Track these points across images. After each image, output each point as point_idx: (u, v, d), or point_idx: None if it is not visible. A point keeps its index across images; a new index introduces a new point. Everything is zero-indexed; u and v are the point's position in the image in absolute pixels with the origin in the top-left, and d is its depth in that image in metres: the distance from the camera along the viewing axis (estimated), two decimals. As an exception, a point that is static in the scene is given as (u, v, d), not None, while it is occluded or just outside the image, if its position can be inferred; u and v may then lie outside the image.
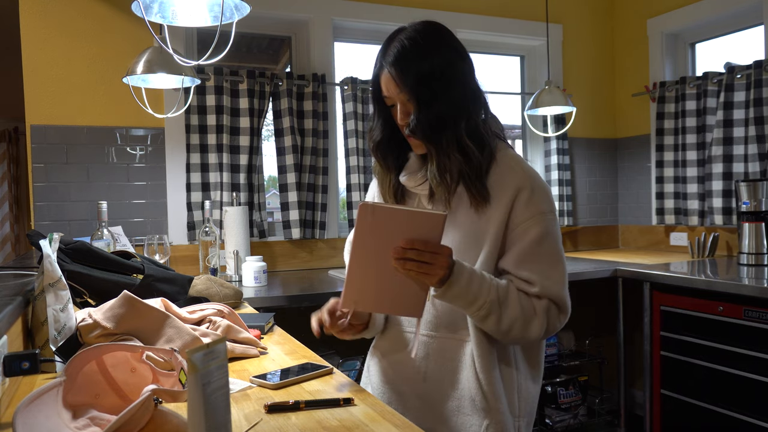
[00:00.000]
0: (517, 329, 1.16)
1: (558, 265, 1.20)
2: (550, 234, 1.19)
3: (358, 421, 0.90)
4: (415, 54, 1.19)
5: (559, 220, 1.26)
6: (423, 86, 1.17)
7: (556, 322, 1.20)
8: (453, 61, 1.21)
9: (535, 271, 1.17)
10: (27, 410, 0.74)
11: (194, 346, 0.90)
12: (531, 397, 1.28)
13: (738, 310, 2.22)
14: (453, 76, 1.20)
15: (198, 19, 1.48)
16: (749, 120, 2.84)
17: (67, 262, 1.43)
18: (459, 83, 1.20)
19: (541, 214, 1.19)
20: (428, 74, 1.17)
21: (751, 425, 2.19)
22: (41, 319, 1.15)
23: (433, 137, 1.19)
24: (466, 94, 1.21)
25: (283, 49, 3.19)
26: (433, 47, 1.21)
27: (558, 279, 1.19)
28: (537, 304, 1.17)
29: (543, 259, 1.18)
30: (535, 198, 1.19)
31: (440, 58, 1.20)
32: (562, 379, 2.97)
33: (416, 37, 1.23)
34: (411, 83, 1.17)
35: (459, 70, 1.21)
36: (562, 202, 3.41)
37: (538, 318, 1.17)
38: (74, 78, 2.57)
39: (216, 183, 2.74)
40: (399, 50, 1.20)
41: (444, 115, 1.18)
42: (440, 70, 1.18)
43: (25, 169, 3.27)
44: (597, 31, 3.64)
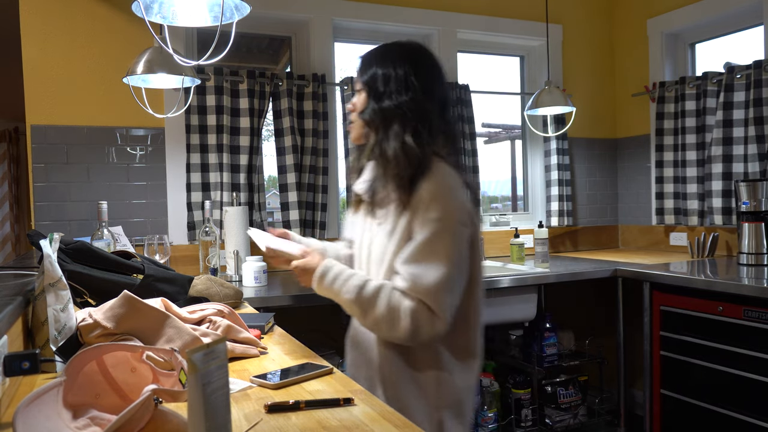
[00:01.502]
0: (383, 328, 1.26)
1: (437, 269, 1.23)
2: (437, 239, 1.24)
3: (358, 421, 0.90)
4: (380, 57, 1.38)
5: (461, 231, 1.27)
6: (376, 82, 1.35)
7: (428, 327, 1.23)
8: (408, 77, 1.35)
9: (412, 269, 1.24)
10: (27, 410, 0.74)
11: (194, 346, 0.90)
12: (455, 388, 1.33)
13: (738, 310, 2.23)
14: (404, 86, 1.34)
15: (198, 19, 1.48)
16: (749, 120, 2.84)
17: (68, 262, 1.43)
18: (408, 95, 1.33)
19: (432, 220, 1.25)
20: (382, 75, 1.35)
21: (751, 425, 2.19)
22: (41, 319, 1.15)
23: (377, 125, 1.35)
24: (412, 107, 1.32)
25: (283, 49, 3.20)
26: (398, 58, 1.36)
27: (434, 282, 1.22)
28: (405, 305, 1.23)
29: (422, 260, 1.24)
30: (433, 206, 1.25)
31: (400, 68, 1.35)
32: (562, 379, 2.97)
33: (391, 46, 1.40)
34: (367, 78, 1.37)
35: (412, 87, 1.34)
36: (561, 202, 3.41)
37: (402, 320, 1.23)
38: (74, 78, 2.57)
39: (216, 183, 2.74)
40: (370, 50, 1.42)
41: (389, 113, 1.33)
42: (395, 77, 1.34)
43: (26, 169, 3.27)
44: (597, 31, 3.65)
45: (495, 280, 2.55)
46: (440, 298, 1.23)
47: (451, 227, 1.26)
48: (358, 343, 1.43)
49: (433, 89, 1.36)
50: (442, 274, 1.23)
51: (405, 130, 1.31)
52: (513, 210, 3.64)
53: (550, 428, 2.90)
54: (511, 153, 3.69)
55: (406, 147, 1.29)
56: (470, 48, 3.42)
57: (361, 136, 1.40)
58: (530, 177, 3.63)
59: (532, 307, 2.68)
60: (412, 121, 1.31)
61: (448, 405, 1.32)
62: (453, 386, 1.33)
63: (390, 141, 1.31)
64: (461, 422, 1.35)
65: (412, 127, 1.31)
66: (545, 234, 2.93)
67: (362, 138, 1.40)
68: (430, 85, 1.36)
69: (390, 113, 1.32)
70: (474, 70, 3.46)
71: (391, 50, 1.39)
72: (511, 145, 3.69)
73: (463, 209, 1.29)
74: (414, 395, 1.31)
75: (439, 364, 1.32)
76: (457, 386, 1.34)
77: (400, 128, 1.31)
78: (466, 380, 1.36)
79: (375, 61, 1.37)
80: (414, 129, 1.31)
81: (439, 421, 1.31)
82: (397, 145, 1.30)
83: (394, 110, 1.32)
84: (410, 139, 1.30)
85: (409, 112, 1.32)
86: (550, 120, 3.40)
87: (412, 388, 1.32)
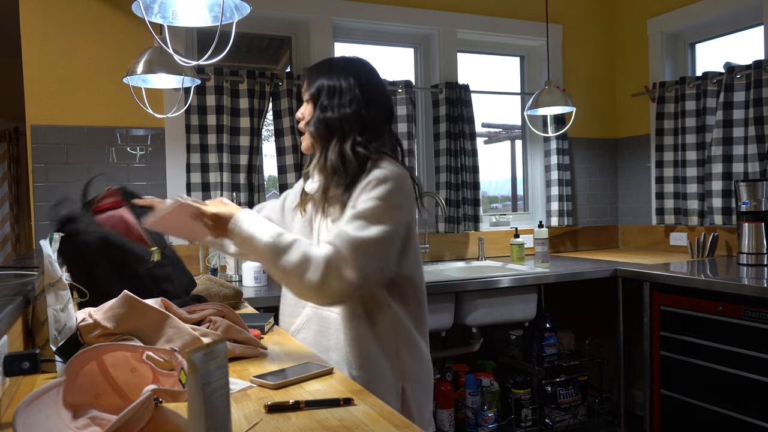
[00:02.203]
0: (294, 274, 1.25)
1: (366, 229, 1.27)
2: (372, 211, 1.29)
3: (358, 421, 0.90)
4: (326, 70, 1.46)
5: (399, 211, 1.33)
6: (321, 95, 1.43)
7: (338, 276, 1.23)
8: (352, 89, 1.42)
9: (339, 226, 1.30)
10: (27, 410, 0.74)
11: (194, 346, 0.90)
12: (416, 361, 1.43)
13: (738, 310, 2.23)
14: (348, 99, 1.41)
15: (198, 19, 1.48)
16: (749, 120, 2.84)
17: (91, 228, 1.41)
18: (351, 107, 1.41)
19: (371, 199, 1.31)
20: (327, 88, 1.43)
21: (751, 425, 2.19)
22: (41, 319, 1.15)
23: (323, 136, 1.41)
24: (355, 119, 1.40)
25: (283, 49, 3.19)
26: (343, 72, 1.44)
27: (358, 236, 1.26)
28: (320, 252, 1.25)
29: (351, 222, 1.29)
30: (371, 185, 1.32)
31: (344, 81, 1.42)
32: (562, 379, 2.97)
33: (336, 60, 1.49)
34: (313, 90, 1.44)
35: (356, 99, 1.41)
36: (561, 202, 3.41)
37: (314, 265, 1.24)
38: (74, 78, 2.57)
39: (216, 183, 2.74)
40: (316, 64, 1.50)
41: (332, 124, 1.40)
42: (339, 90, 1.42)
43: (26, 169, 3.27)
44: (597, 31, 3.65)
45: (495, 280, 2.55)
46: (360, 252, 1.25)
47: (390, 205, 1.31)
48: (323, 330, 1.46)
49: (377, 100, 1.44)
50: (371, 233, 1.27)
51: (346, 141, 1.38)
52: (513, 210, 3.64)
53: (550, 428, 2.91)
54: (511, 153, 3.69)
55: (345, 158, 1.37)
56: (470, 48, 3.42)
57: (309, 146, 1.47)
58: (530, 177, 3.63)
59: (532, 307, 2.68)
60: (354, 131, 1.39)
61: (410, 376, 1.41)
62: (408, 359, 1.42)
63: (331, 152, 1.39)
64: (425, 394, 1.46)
65: (353, 137, 1.38)
66: (545, 234, 2.93)
67: (311, 148, 1.47)
68: (373, 97, 1.44)
69: (333, 124, 1.40)
70: (474, 70, 3.46)
71: (336, 64, 1.47)
72: (511, 145, 3.69)
73: (402, 192, 1.35)
74: (380, 368, 1.39)
75: (404, 336, 1.41)
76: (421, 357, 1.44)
77: (340, 139, 1.39)
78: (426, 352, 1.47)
79: (321, 74, 1.45)
80: (354, 140, 1.38)
81: (402, 390, 1.40)
82: (335, 156, 1.38)
83: (336, 122, 1.40)
84: (350, 149, 1.37)
85: (351, 124, 1.39)
86: (550, 120, 3.40)
87: (379, 362, 1.39)
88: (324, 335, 1.45)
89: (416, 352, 1.44)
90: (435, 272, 2.96)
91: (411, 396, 1.41)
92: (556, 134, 3.37)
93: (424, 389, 1.46)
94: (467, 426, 2.83)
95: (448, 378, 2.81)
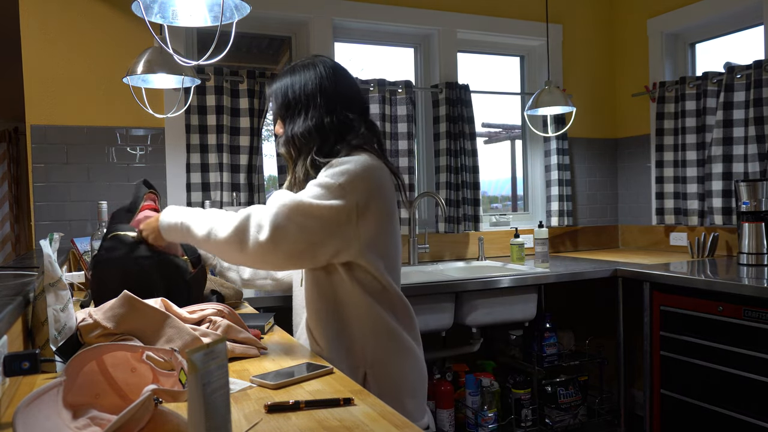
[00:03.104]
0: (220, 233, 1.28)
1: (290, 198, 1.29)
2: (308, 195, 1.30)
3: (358, 421, 0.90)
4: (284, 86, 1.44)
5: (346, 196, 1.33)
6: (284, 112, 1.44)
7: (254, 230, 1.26)
8: (314, 97, 1.41)
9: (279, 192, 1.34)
10: (27, 410, 0.74)
11: (194, 346, 0.90)
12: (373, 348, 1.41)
13: (738, 310, 2.23)
14: (312, 108, 1.41)
15: (198, 19, 1.48)
16: (749, 120, 2.84)
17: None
18: (317, 115, 1.40)
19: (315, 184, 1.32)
20: (289, 103, 1.43)
21: (751, 425, 2.19)
22: (41, 319, 1.15)
23: (291, 154, 1.44)
24: (322, 126, 1.40)
25: (283, 49, 3.19)
26: (302, 82, 1.43)
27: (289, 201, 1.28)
28: (248, 209, 1.30)
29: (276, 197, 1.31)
30: (325, 173, 1.34)
31: (302, 92, 1.42)
32: (562, 379, 2.97)
33: (294, 68, 1.46)
34: (277, 107, 1.46)
35: (320, 106, 1.41)
36: (561, 202, 3.41)
37: (232, 221, 1.28)
38: (74, 78, 2.57)
39: (216, 183, 2.74)
40: (281, 76, 1.48)
41: (298, 141, 1.41)
42: (301, 101, 1.41)
43: (25, 169, 3.27)
44: (597, 31, 3.65)
45: (495, 280, 2.55)
46: (284, 216, 1.26)
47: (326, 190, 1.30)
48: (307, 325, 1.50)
49: (344, 100, 1.43)
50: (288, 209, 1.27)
51: (311, 152, 1.39)
52: (513, 210, 3.64)
53: (550, 428, 2.90)
54: (511, 153, 3.69)
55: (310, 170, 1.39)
56: (470, 48, 3.42)
57: (287, 159, 1.49)
58: (530, 177, 3.63)
59: (532, 307, 2.68)
60: (323, 140, 1.39)
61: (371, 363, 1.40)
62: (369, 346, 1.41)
63: (299, 168, 1.41)
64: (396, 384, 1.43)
65: (316, 150, 1.39)
66: (545, 234, 2.93)
67: (288, 160, 1.49)
68: (339, 98, 1.43)
69: (298, 141, 1.41)
70: (474, 70, 3.46)
71: (294, 74, 1.44)
72: (511, 145, 3.69)
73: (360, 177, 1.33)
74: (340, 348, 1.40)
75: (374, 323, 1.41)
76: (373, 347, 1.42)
77: (307, 152, 1.40)
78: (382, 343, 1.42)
79: (279, 91, 1.44)
80: (320, 147, 1.39)
81: (364, 375, 1.40)
82: (302, 172, 1.40)
83: (300, 138, 1.40)
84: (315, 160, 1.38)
85: (315, 137, 1.39)
86: (550, 120, 3.40)
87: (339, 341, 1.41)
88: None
89: (389, 341, 1.42)
90: (435, 272, 2.96)
91: (372, 383, 1.39)
92: (556, 134, 3.37)
93: (395, 378, 1.42)
94: (467, 426, 2.83)
95: (448, 378, 2.81)
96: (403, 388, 1.43)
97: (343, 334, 1.41)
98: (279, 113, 1.46)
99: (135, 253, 1.41)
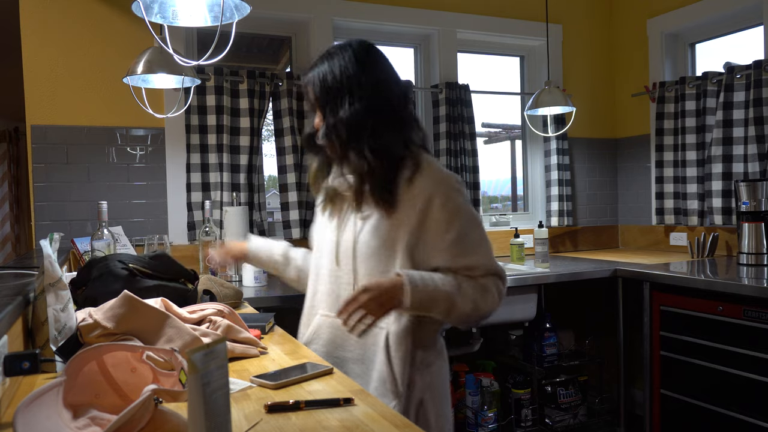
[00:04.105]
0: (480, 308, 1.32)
1: (484, 245, 1.36)
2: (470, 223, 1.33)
3: (358, 421, 0.90)
4: (324, 72, 1.35)
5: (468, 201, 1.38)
6: (325, 96, 1.34)
7: (503, 289, 1.37)
8: (359, 81, 1.34)
9: (473, 258, 1.33)
10: (27, 410, 0.74)
11: (194, 346, 0.90)
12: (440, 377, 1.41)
13: (738, 310, 2.23)
14: (359, 91, 1.33)
15: (198, 19, 1.48)
16: (749, 120, 2.84)
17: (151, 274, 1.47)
18: (364, 98, 1.33)
19: (456, 211, 1.32)
20: (331, 90, 1.33)
21: (751, 425, 2.19)
22: (41, 319, 1.15)
23: (340, 144, 1.34)
24: (371, 108, 1.33)
25: (283, 49, 3.20)
26: (343, 65, 1.34)
27: (490, 255, 1.36)
28: (483, 281, 1.34)
29: (473, 246, 1.33)
30: (448, 198, 1.32)
31: (344, 76, 1.33)
32: (562, 379, 2.97)
33: (329, 52, 1.37)
34: (320, 94, 1.35)
35: (365, 87, 1.33)
36: (561, 202, 3.41)
37: (490, 292, 1.34)
38: (74, 78, 2.57)
39: (216, 183, 2.74)
40: (312, 64, 1.38)
41: (347, 125, 1.32)
42: (345, 87, 1.33)
43: (26, 169, 3.27)
44: (597, 31, 3.65)
45: (495, 280, 2.54)
46: (498, 264, 1.37)
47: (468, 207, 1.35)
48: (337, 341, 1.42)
49: (388, 83, 1.37)
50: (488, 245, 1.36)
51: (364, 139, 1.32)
52: (513, 210, 3.64)
53: (550, 428, 2.90)
54: (511, 153, 3.69)
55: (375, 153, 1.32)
56: (470, 48, 3.42)
57: (334, 151, 1.39)
58: (530, 177, 3.63)
59: (532, 307, 2.68)
60: (373, 125, 1.32)
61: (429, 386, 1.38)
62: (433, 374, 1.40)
63: (354, 155, 1.33)
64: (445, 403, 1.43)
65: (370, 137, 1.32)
66: (545, 234, 2.93)
67: (336, 152, 1.38)
68: (383, 81, 1.36)
69: (344, 129, 1.32)
70: (474, 70, 3.46)
71: (331, 59, 1.36)
72: (511, 145, 3.69)
73: (460, 186, 1.37)
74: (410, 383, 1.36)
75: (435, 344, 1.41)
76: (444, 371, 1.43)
77: (358, 140, 1.32)
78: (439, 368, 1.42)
79: (317, 78, 1.35)
80: (374, 131, 1.32)
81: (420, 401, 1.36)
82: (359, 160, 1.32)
83: (351, 122, 1.32)
84: (374, 143, 1.31)
85: (367, 118, 1.32)
86: (550, 120, 3.40)
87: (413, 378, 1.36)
88: (340, 347, 1.41)
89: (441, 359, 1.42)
90: (435, 272, 2.95)
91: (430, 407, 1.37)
92: (556, 134, 3.37)
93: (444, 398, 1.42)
94: (467, 426, 2.83)
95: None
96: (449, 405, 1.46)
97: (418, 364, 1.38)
98: (319, 102, 1.36)
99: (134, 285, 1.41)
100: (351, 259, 1.38)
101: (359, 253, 1.36)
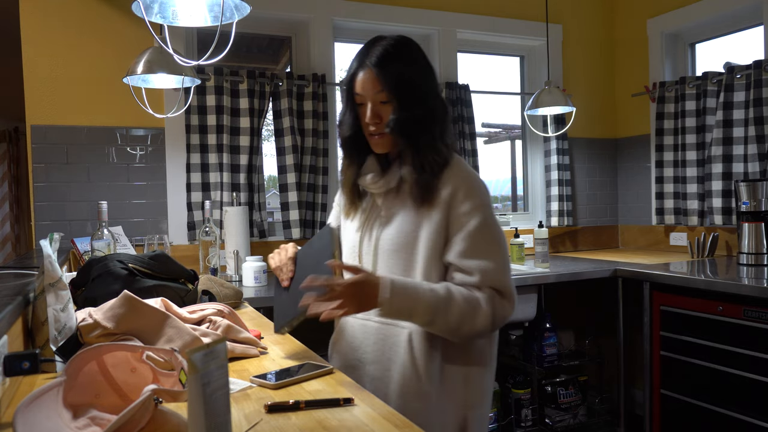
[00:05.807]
0: (466, 324, 1.23)
1: (496, 255, 1.28)
2: (487, 225, 1.29)
3: (358, 421, 0.90)
4: (399, 59, 1.31)
5: (495, 213, 1.36)
6: (404, 88, 1.29)
7: (502, 310, 1.27)
8: (428, 74, 1.35)
9: (477, 262, 1.26)
10: (27, 410, 0.74)
11: (194, 346, 0.90)
12: (482, 389, 1.35)
13: (738, 310, 2.23)
14: (429, 86, 1.34)
15: (198, 19, 1.48)
16: (749, 120, 2.84)
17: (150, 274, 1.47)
18: (433, 94, 1.34)
19: (476, 207, 1.29)
20: (409, 79, 1.30)
21: (751, 425, 2.19)
22: (41, 319, 1.15)
23: (410, 137, 1.30)
24: (437, 105, 1.33)
25: (283, 49, 3.20)
26: (414, 58, 1.34)
27: (497, 267, 1.27)
28: (479, 296, 1.25)
29: (481, 249, 1.27)
30: (471, 193, 1.29)
31: (420, 68, 1.33)
32: (562, 379, 2.97)
33: (399, 45, 1.33)
34: (392, 84, 1.29)
35: (432, 84, 1.35)
36: (561, 202, 3.41)
37: (482, 309, 1.24)
38: (74, 78, 2.57)
39: (216, 183, 2.74)
40: (383, 53, 1.30)
41: (421, 119, 1.30)
42: (420, 79, 1.32)
43: (26, 169, 3.27)
44: (597, 31, 3.65)
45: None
46: (506, 281, 1.28)
47: (490, 212, 1.32)
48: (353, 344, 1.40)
49: (435, 76, 1.38)
50: (501, 257, 1.29)
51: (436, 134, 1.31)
52: (513, 210, 3.64)
53: (550, 428, 2.90)
54: (511, 153, 3.69)
55: (438, 150, 1.31)
56: (470, 48, 3.42)
57: (392, 146, 1.34)
58: (530, 177, 3.63)
59: (532, 307, 2.68)
60: (439, 123, 1.32)
61: (476, 405, 1.33)
62: (479, 387, 1.34)
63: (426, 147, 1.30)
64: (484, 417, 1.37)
65: (440, 128, 1.32)
66: (545, 234, 2.93)
67: (393, 147, 1.35)
68: (436, 81, 1.39)
69: (423, 121, 1.30)
70: (474, 70, 3.46)
71: (401, 52, 1.31)
72: (511, 145, 3.69)
73: (489, 193, 1.35)
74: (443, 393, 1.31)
75: (468, 366, 1.33)
76: (483, 388, 1.36)
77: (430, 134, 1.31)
78: (490, 383, 1.38)
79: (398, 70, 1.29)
80: (442, 130, 1.33)
81: (464, 419, 1.32)
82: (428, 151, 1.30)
83: (425, 118, 1.30)
84: (440, 141, 1.31)
85: (436, 116, 1.32)
86: (550, 120, 3.40)
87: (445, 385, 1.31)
88: (358, 349, 1.38)
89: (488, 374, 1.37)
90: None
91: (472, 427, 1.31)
92: (556, 134, 3.37)
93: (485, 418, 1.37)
94: (467, 426, 2.83)
95: (448, 378, 2.81)
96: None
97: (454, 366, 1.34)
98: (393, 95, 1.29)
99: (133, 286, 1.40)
100: (372, 255, 1.36)
101: (381, 250, 1.34)
